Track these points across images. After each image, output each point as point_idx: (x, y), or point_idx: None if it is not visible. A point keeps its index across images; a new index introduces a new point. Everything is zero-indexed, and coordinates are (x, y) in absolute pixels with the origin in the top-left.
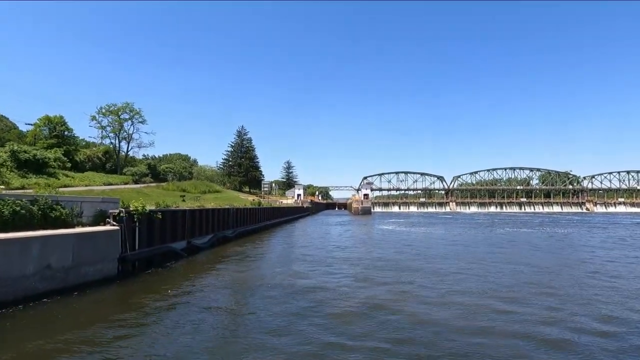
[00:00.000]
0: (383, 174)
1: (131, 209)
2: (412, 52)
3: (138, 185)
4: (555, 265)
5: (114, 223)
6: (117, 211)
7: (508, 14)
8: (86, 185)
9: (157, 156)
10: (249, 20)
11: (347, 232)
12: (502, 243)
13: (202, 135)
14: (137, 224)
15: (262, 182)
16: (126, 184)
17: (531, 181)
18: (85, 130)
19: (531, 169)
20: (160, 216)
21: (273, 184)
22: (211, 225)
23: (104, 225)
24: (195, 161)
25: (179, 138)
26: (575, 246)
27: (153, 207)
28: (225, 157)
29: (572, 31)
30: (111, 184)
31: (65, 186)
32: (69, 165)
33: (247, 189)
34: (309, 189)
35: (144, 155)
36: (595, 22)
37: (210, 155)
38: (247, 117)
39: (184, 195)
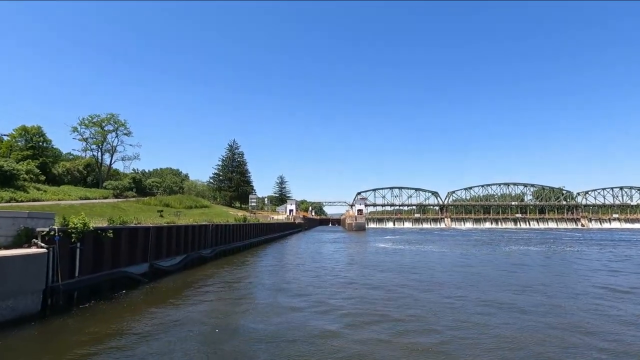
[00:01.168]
0: (377, 189)
1: (70, 225)
2: (407, 68)
3: (115, 200)
4: (603, 304)
5: (42, 244)
6: (47, 229)
7: (501, 27)
8: (59, 200)
9: (147, 171)
10: (242, 37)
11: (340, 252)
12: (516, 267)
13: (195, 151)
14: (77, 244)
15: (250, 196)
16: (106, 198)
17: (525, 197)
18: (69, 142)
19: (525, 185)
20: (111, 234)
21: (266, 199)
22: (183, 244)
23: (29, 247)
24: (186, 176)
25: (171, 153)
26: (603, 271)
27: (105, 224)
28: (215, 171)
29: (565, 47)
30: (88, 198)
31: (34, 200)
32: (43, 178)
33: (238, 204)
34: (302, 205)
35: (134, 170)
36: (589, 37)
37: (204, 170)
38: (242, 132)
39: (162, 211)
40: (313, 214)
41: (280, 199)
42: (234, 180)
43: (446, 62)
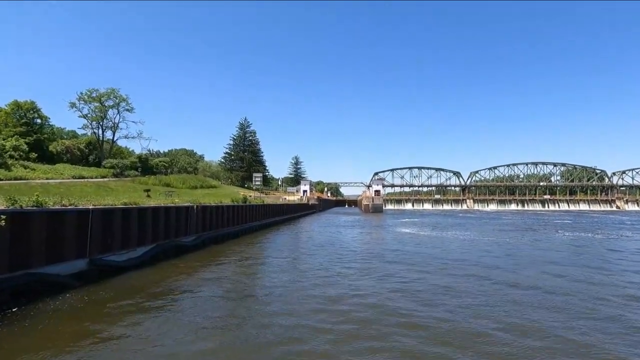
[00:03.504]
0: (395, 169)
1: None
2: (427, 43)
3: (110, 179)
4: None
5: None
6: None
7: (525, 2)
8: (46, 179)
9: (162, 151)
10: (257, 14)
11: (356, 239)
12: (614, 263)
13: (211, 132)
14: None
15: (254, 175)
16: (104, 177)
17: (552, 177)
18: (74, 121)
19: (555, 164)
20: (2, 222)
21: (280, 180)
22: (152, 231)
23: None
24: (201, 157)
25: (187, 135)
26: None
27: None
28: (227, 151)
29: (596, 18)
30: (83, 177)
31: (15, 179)
32: (33, 155)
33: (252, 185)
34: (318, 186)
35: (148, 150)
36: (620, 10)
37: (219, 151)
38: (256, 113)
39: (149, 190)
40: (329, 194)
41: (295, 180)
42: (245, 159)
43: (468, 39)
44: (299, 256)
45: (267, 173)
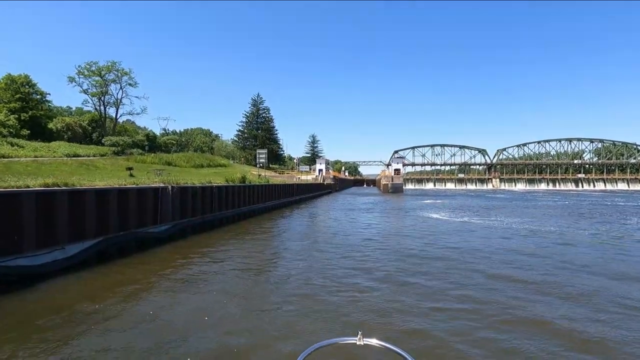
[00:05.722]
0: (416, 147)
1: None
2: (451, 16)
3: (97, 158)
4: None
5: None
6: None
7: None
8: (35, 157)
9: (178, 131)
10: None
11: (370, 228)
12: None
13: (229, 113)
14: None
15: (258, 151)
16: (103, 155)
17: (584, 155)
18: (79, 98)
19: (592, 140)
20: None
21: (296, 159)
22: (97, 220)
23: None
24: (217, 136)
25: (206, 115)
26: None
27: None
28: (239, 128)
29: None
30: (78, 156)
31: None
32: (25, 132)
33: (267, 164)
34: (336, 165)
35: (164, 130)
36: None
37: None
38: (272, 91)
39: (132, 169)
40: (346, 174)
41: (312, 159)
42: (259, 137)
43: (494, 7)
44: (301, 255)
45: (282, 152)
